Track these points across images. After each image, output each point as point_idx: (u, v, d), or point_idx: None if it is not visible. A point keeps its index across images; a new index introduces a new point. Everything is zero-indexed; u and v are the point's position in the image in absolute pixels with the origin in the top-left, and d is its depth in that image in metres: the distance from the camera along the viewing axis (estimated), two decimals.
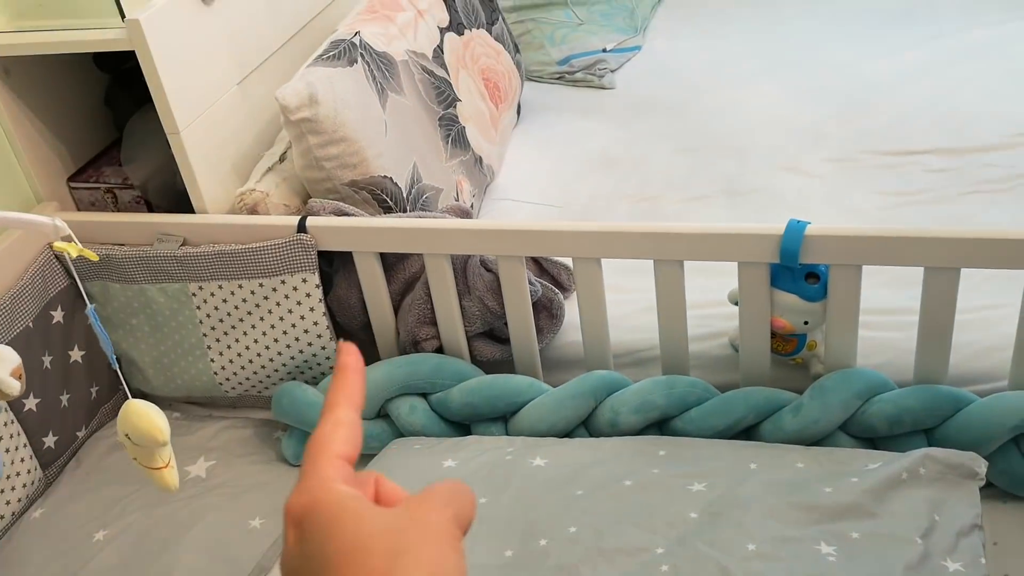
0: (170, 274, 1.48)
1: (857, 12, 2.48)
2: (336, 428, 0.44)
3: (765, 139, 1.99)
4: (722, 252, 1.28)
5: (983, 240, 1.17)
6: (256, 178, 1.53)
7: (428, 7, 1.85)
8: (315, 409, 1.44)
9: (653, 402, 1.34)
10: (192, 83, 1.44)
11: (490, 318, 1.47)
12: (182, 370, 1.56)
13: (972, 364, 1.34)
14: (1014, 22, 2.28)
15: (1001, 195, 1.71)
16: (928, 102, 2.01)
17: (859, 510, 1.09)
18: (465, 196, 1.77)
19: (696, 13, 2.65)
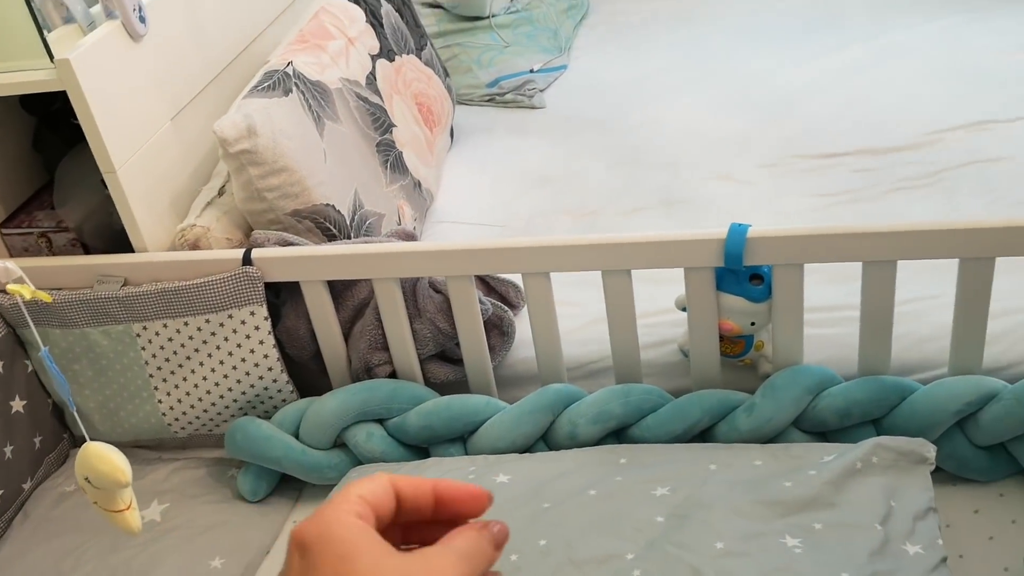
0: (112, 316, 1.45)
1: (773, 23, 2.57)
2: (367, 481, 0.43)
3: (695, 149, 2.04)
4: (668, 259, 1.30)
5: (917, 232, 1.22)
6: (196, 213, 1.51)
7: (358, 35, 1.86)
8: (270, 443, 1.42)
9: (610, 412, 1.35)
10: (125, 121, 1.42)
11: (442, 339, 1.47)
12: (129, 413, 1.52)
13: (913, 354, 1.39)
14: (921, 26, 2.39)
15: (922, 190, 1.78)
16: (847, 106, 2.09)
17: (819, 502, 1.12)
18: (407, 220, 1.77)
19: (618, 31, 2.71)
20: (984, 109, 1.97)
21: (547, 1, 2.74)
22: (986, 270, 1.23)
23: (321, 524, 0.40)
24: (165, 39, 1.53)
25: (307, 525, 0.41)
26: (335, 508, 0.41)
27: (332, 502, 0.42)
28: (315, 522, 0.41)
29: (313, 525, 0.40)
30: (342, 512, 0.41)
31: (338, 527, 0.40)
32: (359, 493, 0.43)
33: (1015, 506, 1.28)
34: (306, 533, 0.40)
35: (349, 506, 0.41)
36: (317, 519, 0.41)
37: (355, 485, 0.43)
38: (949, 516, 1.27)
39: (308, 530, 0.40)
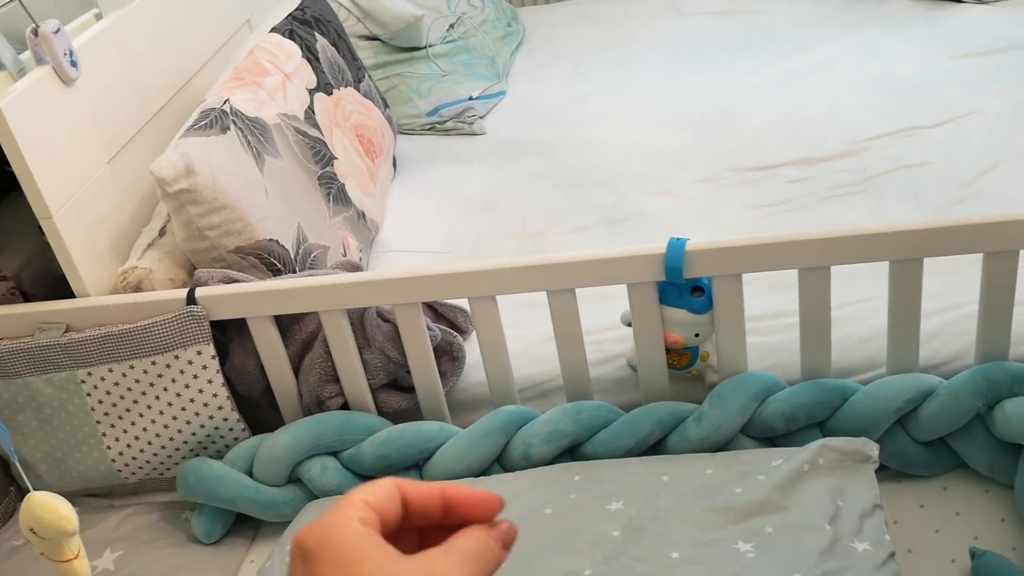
0: (55, 363, 1.43)
1: (701, 42, 2.63)
2: (371, 485, 0.43)
3: (634, 168, 2.07)
4: (611, 276, 1.33)
5: (848, 237, 1.26)
6: (137, 255, 1.50)
7: (294, 70, 1.86)
8: (223, 483, 1.41)
9: (562, 430, 1.37)
10: (60, 166, 1.41)
11: (393, 368, 1.47)
12: (77, 461, 1.50)
13: (852, 356, 1.43)
14: (845, 39, 2.47)
15: (854, 197, 1.83)
16: (777, 119, 2.15)
17: (769, 505, 1.15)
18: (352, 252, 1.78)
19: (554, 55, 2.76)
20: (907, 116, 2.04)
21: (483, 29, 2.78)
22: (915, 271, 1.27)
23: (324, 530, 0.39)
24: (99, 82, 1.52)
25: (309, 531, 0.40)
26: (338, 513, 0.40)
27: (335, 508, 0.41)
28: (317, 528, 0.40)
29: (315, 531, 0.39)
30: (345, 517, 0.40)
31: (341, 532, 0.39)
32: (363, 497, 0.41)
33: (959, 499, 1.31)
34: (308, 539, 0.39)
35: (353, 511, 0.40)
36: (320, 525, 0.40)
37: (360, 489, 0.42)
38: (896, 512, 1.31)
39: (310, 536, 0.39)
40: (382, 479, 0.44)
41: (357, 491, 0.42)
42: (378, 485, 0.43)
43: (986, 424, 1.29)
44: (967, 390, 1.27)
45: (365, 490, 0.43)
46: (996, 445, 1.29)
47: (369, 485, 0.43)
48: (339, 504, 0.41)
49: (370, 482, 0.44)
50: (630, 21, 2.89)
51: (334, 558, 0.38)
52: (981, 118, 2.00)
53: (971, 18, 2.46)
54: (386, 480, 0.44)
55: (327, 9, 2.15)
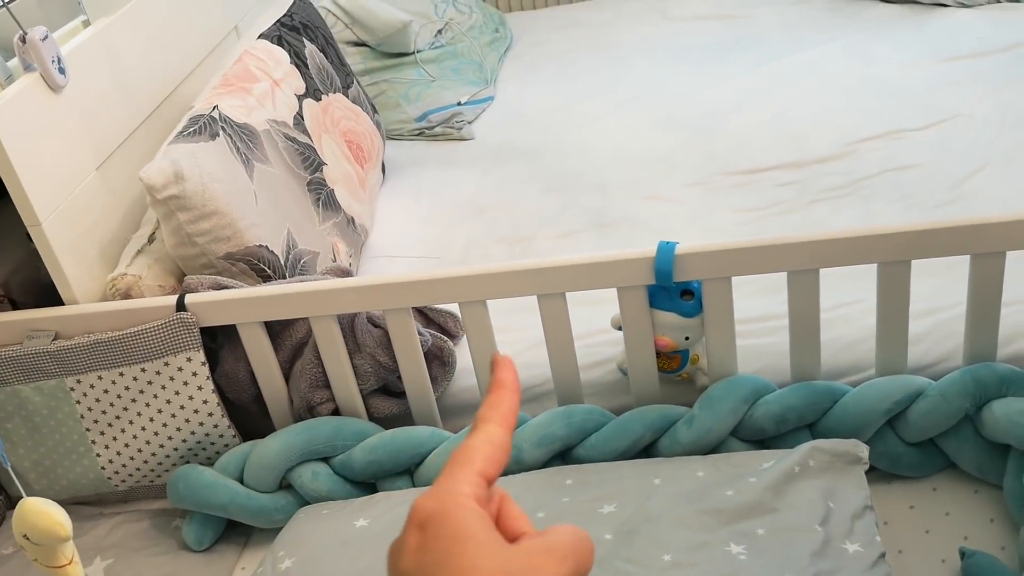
0: (44, 371, 1.42)
1: (689, 47, 2.64)
2: (484, 445, 0.43)
3: (623, 172, 2.08)
4: (601, 280, 1.33)
5: (837, 240, 1.26)
6: (126, 262, 1.50)
7: (283, 76, 1.86)
8: (214, 490, 1.41)
9: (554, 434, 1.37)
10: (49, 172, 1.40)
11: (383, 373, 1.47)
12: (67, 469, 1.49)
13: (841, 358, 1.44)
14: (832, 42, 2.48)
15: (843, 200, 1.84)
16: (767, 122, 2.15)
17: (761, 507, 1.15)
18: (342, 257, 1.78)
19: (542, 60, 2.76)
20: (895, 119, 2.05)
21: (471, 34, 2.79)
22: (903, 273, 1.28)
23: (441, 502, 0.41)
24: (87, 88, 1.52)
25: (428, 501, 0.41)
26: (455, 488, 0.41)
27: (454, 478, 0.42)
28: (435, 499, 0.41)
29: (433, 502, 0.41)
30: (461, 495, 0.41)
31: (456, 509, 0.40)
32: (478, 469, 0.42)
33: (948, 499, 1.32)
34: (426, 509, 0.40)
35: (469, 488, 0.41)
36: (437, 496, 0.41)
37: (474, 452, 0.43)
38: (886, 513, 1.31)
39: (428, 506, 0.41)
40: (490, 431, 0.44)
41: (472, 453, 0.43)
42: (490, 445, 0.43)
43: (975, 425, 1.30)
44: (955, 391, 1.28)
45: (479, 453, 0.43)
46: (984, 446, 1.30)
47: (482, 446, 0.43)
48: (456, 473, 0.42)
49: (481, 435, 0.43)
50: (617, 26, 2.90)
51: (445, 531, 0.40)
52: (967, 120, 2.01)
53: (956, 21, 2.48)
54: (494, 433, 0.44)
55: (315, 15, 2.15)
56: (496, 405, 0.45)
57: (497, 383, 0.46)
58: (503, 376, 0.46)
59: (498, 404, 0.45)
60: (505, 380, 0.46)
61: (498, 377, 0.46)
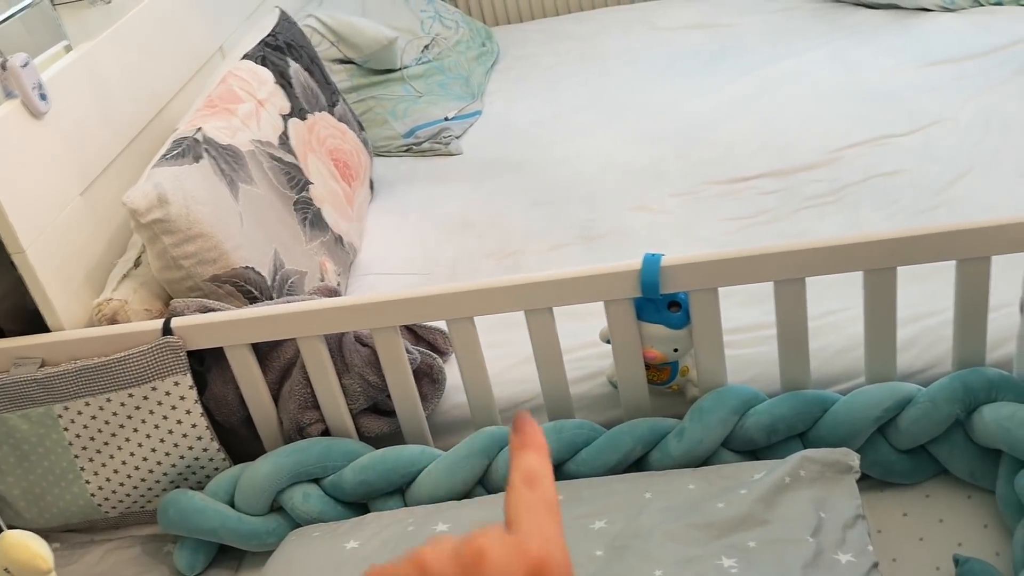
0: (32, 398, 1.41)
1: (675, 56, 2.65)
2: (556, 495, 0.44)
3: (610, 183, 2.08)
4: (587, 294, 1.33)
5: (822, 249, 1.26)
6: (112, 287, 1.49)
7: (267, 96, 1.86)
8: (204, 515, 1.40)
9: None
10: (32, 199, 1.40)
11: (372, 392, 1.47)
12: (56, 497, 1.48)
13: (831, 366, 1.43)
14: (815, 50, 2.49)
15: (830, 206, 1.84)
16: (752, 131, 2.16)
17: (752, 520, 1.14)
18: (330, 276, 1.77)
19: (528, 73, 2.77)
20: (879, 125, 2.06)
21: (457, 49, 2.79)
22: (889, 280, 1.28)
23: (562, 554, 0.41)
24: (70, 114, 1.51)
25: (553, 550, 0.41)
26: (562, 542, 0.42)
27: (557, 531, 0.42)
28: (559, 549, 0.41)
29: (558, 552, 0.41)
30: (561, 542, 0.42)
31: (561, 554, 0.42)
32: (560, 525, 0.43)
33: (941, 506, 1.32)
34: (551, 559, 0.41)
35: (561, 534, 0.42)
36: (559, 547, 0.42)
37: (553, 499, 0.44)
38: (879, 521, 1.31)
39: (554, 556, 0.41)
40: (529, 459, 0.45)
41: (554, 504, 0.44)
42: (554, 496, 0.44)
43: (965, 430, 1.30)
44: (945, 397, 1.27)
45: (558, 507, 0.44)
46: (976, 451, 1.29)
47: (554, 493, 0.44)
48: (556, 524, 0.43)
49: (549, 495, 0.44)
50: (603, 37, 2.90)
51: None
52: (952, 125, 2.02)
53: (939, 26, 2.49)
54: (534, 463, 0.45)
55: (299, 34, 2.15)
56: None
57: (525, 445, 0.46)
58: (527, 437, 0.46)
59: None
60: (536, 443, 0.46)
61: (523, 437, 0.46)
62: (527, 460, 0.45)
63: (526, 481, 0.44)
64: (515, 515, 0.42)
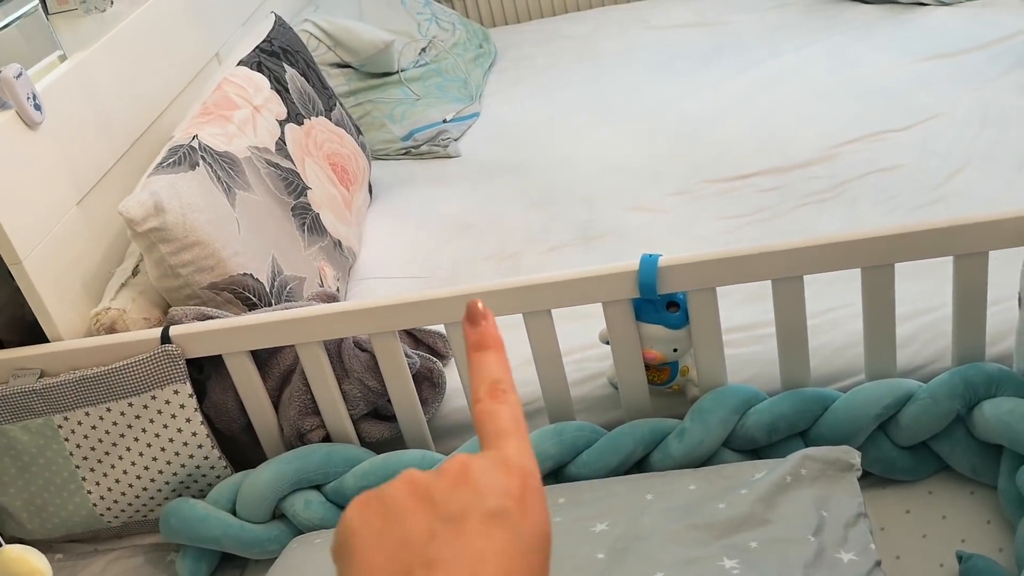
0: (31, 409, 1.41)
1: (671, 55, 2.65)
2: (520, 412, 0.44)
3: (608, 183, 2.08)
4: (585, 296, 1.32)
5: (819, 246, 1.26)
6: (110, 296, 1.49)
7: (264, 102, 1.86)
8: (206, 523, 1.40)
9: (545, 452, 1.36)
10: (28, 210, 1.40)
11: (372, 398, 1.47)
12: (58, 508, 1.48)
13: (831, 363, 1.43)
14: (812, 46, 2.49)
15: (828, 203, 1.84)
16: (749, 128, 2.15)
17: (753, 520, 1.14)
18: (329, 281, 1.77)
19: (526, 74, 2.77)
20: (876, 121, 2.05)
21: (455, 51, 2.79)
22: (887, 276, 1.27)
23: (532, 465, 0.42)
24: (65, 123, 1.51)
25: (528, 461, 0.42)
26: (531, 453, 0.43)
27: (527, 445, 0.43)
28: (531, 460, 0.42)
29: (530, 463, 0.42)
30: (535, 463, 0.43)
31: (537, 472, 0.43)
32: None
33: (944, 502, 1.31)
34: (528, 468, 0.42)
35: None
36: (532, 459, 0.42)
37: (522, 422, 0.44)
38: (882, 518, 1.30)
39: (529, 466, 0.42)
40: (515, 400, 0.45)
41: (523, 423, 0.44)
42: (520, 411, 0.45)
43: (966, 426, 1.29)
44: (945, 393, 1.27)
45: (523, 424, 0.45)
46: (977, 447, 1.29)
47: (518, 410, 0.45)
48: (526, 441, 0.43)
49: (516, 403, 0.44)
50: (600, 37, 2.90)
51: (536, 486, 0.42)
52: (948, 119, 2.01)
53: (935, 20, 2.48)
54: (495, 371, 0.45)
55: (295, 39, 2.15)
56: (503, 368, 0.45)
57: (482, 345, 0.46)
58: (489, 338, 0.46)
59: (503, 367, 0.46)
60: (491, 342, 0.46)
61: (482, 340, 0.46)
62: (489, 368, 0.45)
63: (491, 393, 0.44)
64: (488, 434, 0.43)
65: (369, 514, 0.40)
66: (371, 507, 0.40)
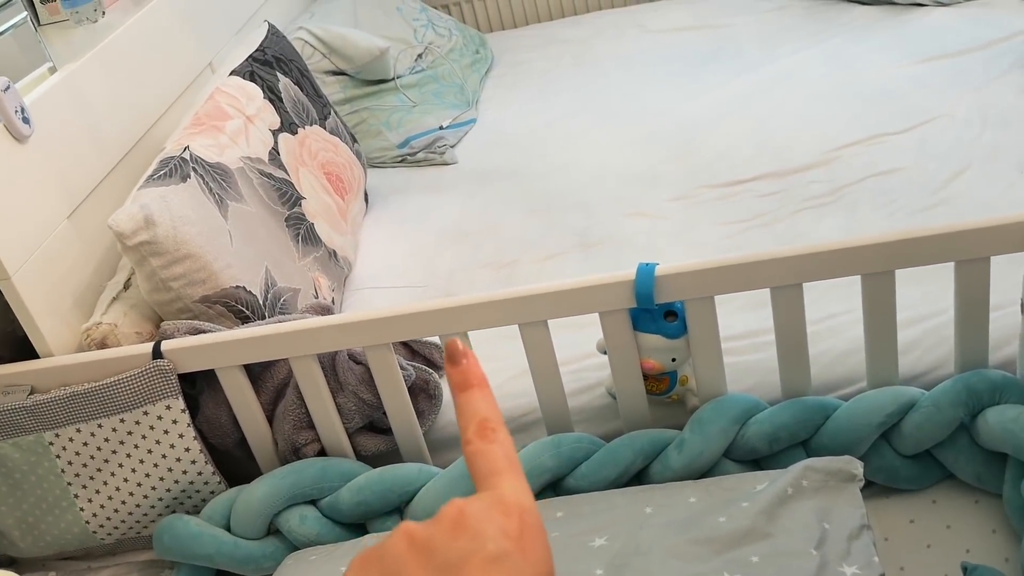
0: (22, 427, 1.39)
1: (668, 59, 2.63)
2: (512, 450, 0.44)
3: (606, 189, 2.06)
4: (582, 306, 1.30)
5: (818, 254, 1.24)
6: (101, 310, 1.48)
7: (256, 112, 1.85)
8: (200, 541, 1.38)
9: (543, 465, 1.34)
10: (17, 224, 1.38)
11: (368, 411, 1.45)
12: (50, 525, 1.46)
13: (832, 371, 1.41)
14: (808, 50, 2.47)
15: (828, 207, 1.82)
16: (747, 132, 2.13)
17: (754, 533, 1.12)
18: (324, 292, 1.75)
19: (523, 79, 2.75)
20: (876, 123, 2.04)
21: (451, 57, 2.77)
22: (887, 283, 1.25)
23: (531, 503, 0.44)
24: (54, 136, 1.50)
25: (525, 499, 0.43)
26: (528, 491, 0.44)
27: (524, 483, 0.44)
28: (527, 498, 0.43)
29: (527, 501, 0.43)
30: (533, 501, 0.45)
31: (535, 510, 0.45)
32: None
33: (949, 511, 1.29)
34: (525, 505, 0.43)
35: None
36: (528, 496, 0.44)
37: (515, 459, 0.45)
38: (886, 529, 1.28)
39: (526, 503, 0.43)
40: (504, 436, 0.46)
41: (515, 460, 0.45)
42: (511, 450, 0.46)
43: (970, 434, 1.27)
44: (948, 401, 1.25)
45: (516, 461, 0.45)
46: (982, 455, 1.27)
47: (510, 447, 0.45)
48: (521, 478, 0.44)
49: (506, 442, 0.45)
50: (597, 41, 2.88)
51: (535, 523, 0.44)
52: (948, 121, 1.99)
53: (933, 21, 2.46)
54: (482, 408, 0.46)
55: (288, 48, 2.13)
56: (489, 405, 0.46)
57: (466, 385, 0.46)
58: (472, 377, 0.47)
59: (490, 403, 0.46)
60: (475, 380, 0.46)
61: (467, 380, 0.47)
62: (476, 406, 0.45)
63: (480, 433, 0.44)
64: (481, 474, 0.43)
65: (369, 572, 0.40)
66: (371, 565, 0.40)
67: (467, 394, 0.46)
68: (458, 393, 0.46)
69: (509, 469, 0.43)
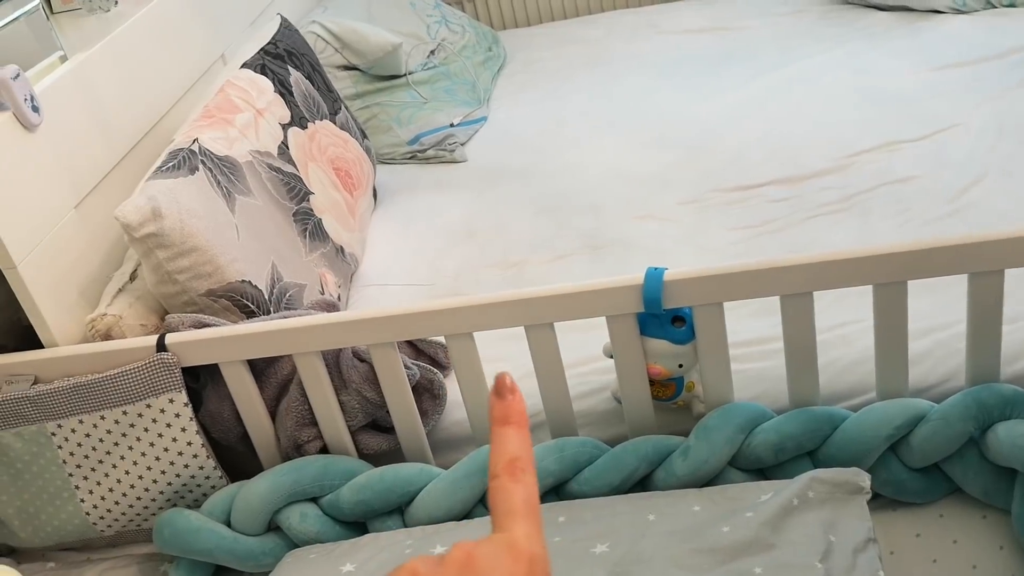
0: (24, 417, 1.39)
1: (681, 61, 2.61)
2: (535, 493, 0.45)
3: (616, 191, 2.04)
4: (589, 309, 1.29)
5: (830, 262, 1.22)
6: (106, 301, 1.47)
7: (267, 106, 1.84)
8: (199, 535, 1.37)
9: (546, 469, 1.33)
10: (24, 213, 1.38)
11: (371, 409, 1.44)
12: (51, 516, 1.46)
13: (840, 381, 1.39)
14: (823, 54, 2.45)
15: (840, 215, 1.80)
16: (760, 137, 2.12)
17: (758, 544, 1.11)
18: (331, 288, 1.74)
19: (535, 78, 2.74)
20: (890, 130, 2.02)
21: (464, 54, 2.76)
22: (900, 293, 1.24)
23: (542, 549, 0.43)
24: (63, 126, 1.49)
25: (536, 547, 0.42)
26: (542, 540, 0.43)
27: (538, 531, 0.43)
28: (539, 546, 0.43)
29: (539, 549, 0.42)
30: (545, 550, 0.44)
31: (546, 560, 0.44)
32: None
33: (955, 526, 1.28)
34: (536, 553, 0.43)
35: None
36: (540, 543, 0.43)
37: (536, 504, 0.45)
38: (892, 542, 1.27)
39: (538, 552, 0.43)
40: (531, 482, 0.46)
41: (536, 507, 0.45)
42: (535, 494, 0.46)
43: (980, 448, 1.26)
44: (958, 414, 1.23)
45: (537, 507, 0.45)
46: (991, 470, 1.25)
47: (533, 491, 0.45)
48: (537, 526, 0.44)
49: (532, 483, 0.45)
50: (611, 41, 2.87)
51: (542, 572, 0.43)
52: (964, 130, 1.97)
53: (951, 28, 2.44)
54: (516, 448, 0.46)
55: (300, 42, 2.12)
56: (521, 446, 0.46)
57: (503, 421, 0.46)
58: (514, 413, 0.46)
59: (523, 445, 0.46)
60: (516, 418, 0.46)
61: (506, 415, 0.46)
62: (510, 444, 0.45)
63: (509, 471, 0.44)
64: (499, 512, 0.43)
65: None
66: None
67: (505, 429, 0.46)
68: (497, 427, 0.46)
69: (527, 514, 0.43)
